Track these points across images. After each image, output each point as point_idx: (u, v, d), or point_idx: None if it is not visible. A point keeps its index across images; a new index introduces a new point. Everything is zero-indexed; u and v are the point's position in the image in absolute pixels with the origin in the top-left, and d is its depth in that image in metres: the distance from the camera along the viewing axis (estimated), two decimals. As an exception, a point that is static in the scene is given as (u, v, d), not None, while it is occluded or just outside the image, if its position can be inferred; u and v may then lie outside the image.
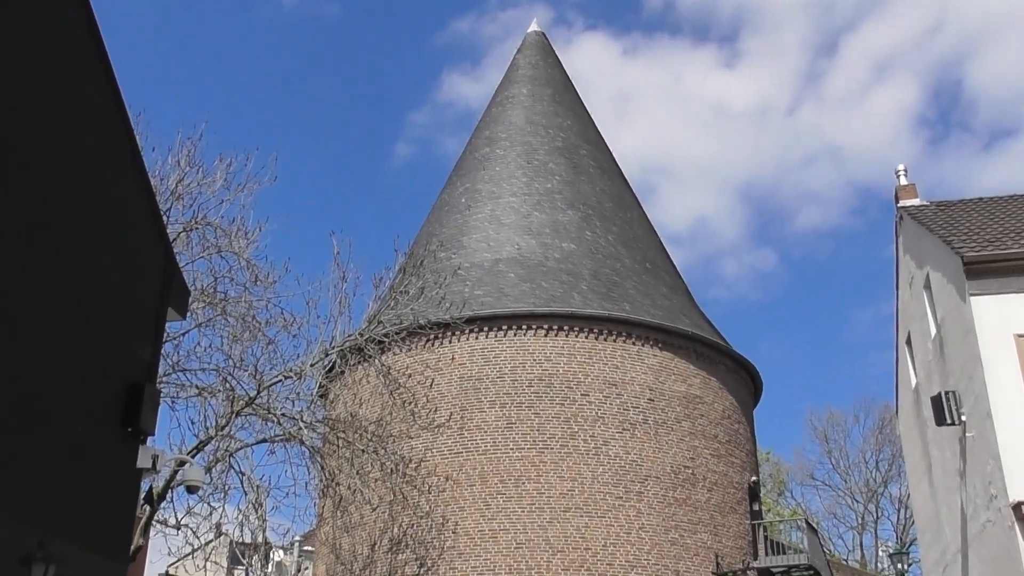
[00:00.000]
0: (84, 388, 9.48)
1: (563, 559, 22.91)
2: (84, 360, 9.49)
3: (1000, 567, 17.71)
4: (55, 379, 9.01)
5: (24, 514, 8.33)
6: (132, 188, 10.69)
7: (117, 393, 9.99)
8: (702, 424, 25.89)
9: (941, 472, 21.72)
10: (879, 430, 56.69)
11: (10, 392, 8.33)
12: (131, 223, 10.63)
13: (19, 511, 8.29)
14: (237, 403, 18.10)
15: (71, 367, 9.27)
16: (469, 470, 23.92)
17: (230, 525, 20.43)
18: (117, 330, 10.18)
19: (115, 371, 10.04)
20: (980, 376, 17.40)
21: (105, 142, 10.19)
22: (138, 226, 10.77)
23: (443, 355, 24.97)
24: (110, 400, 9.89)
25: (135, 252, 10.67)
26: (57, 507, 8.89)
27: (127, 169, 10.57)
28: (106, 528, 9.76)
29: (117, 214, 10.37)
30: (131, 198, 10.67)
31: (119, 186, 10.46)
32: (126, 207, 10.56)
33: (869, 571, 45.47)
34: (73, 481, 9.21)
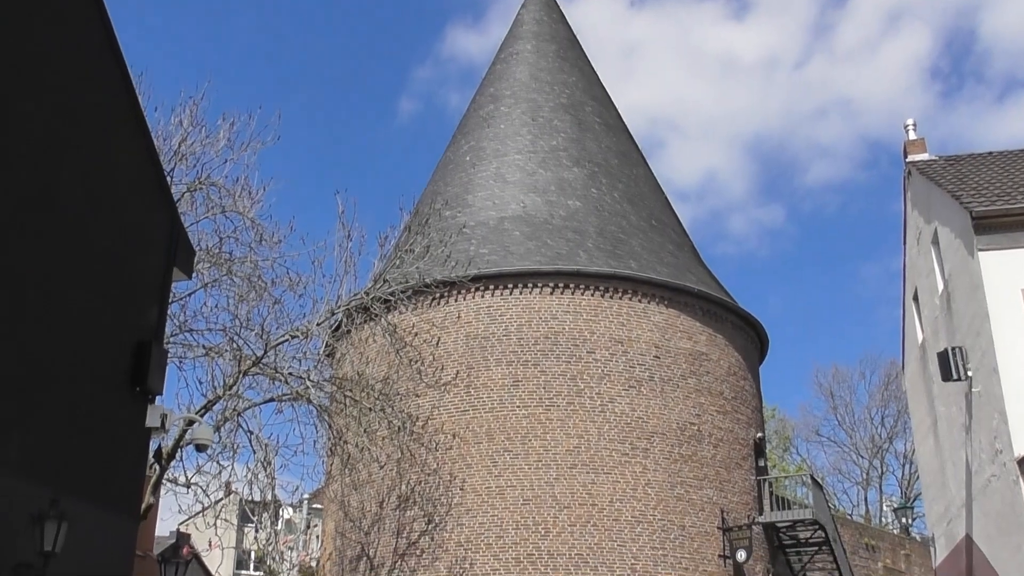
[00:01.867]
0: (91, 348, 9.52)
1: (569, 515, 23.09)
2: (90, 321, 9.51)
3: (1004, 521, 17.82)
4: (62, 340, 9.04)
5: (35, 473, 8.40)
6: (135, 148, 10.65)
7: (124, 353, 10.03)
8: (708, 381, 25.95)
9: (946, 428, 21.79)
10: (885, 386, 56.85)
11: (19, 353, 8.36)
12: (135, 183, 10.60)
13: (30, 470, 8.36)
14: (244, 363, 18.17)
15: (77, 328, 9.29)
16: (476, 428, 24.04)
17: (239, 483, 20.60)
18: (123, 290, 10.20)
19: (122, 331, 10.07)
20: (987, 332, 17.39)
21: (107, 102, 10.13)
22: (142, 186, 10.74)
23: (449, 314, 24.99)
24: (118, 360, 9.93)
25: (139, 212, 10.65)
26: (68, 466, 8.96)
27: (130, 129, 10.52)
28: (117, 486, 9.84)
29: (120, 174, 10.34)
30: (134, 158, 10.63)
31: (122, 146, 10.42)
32: (129, 167, 10.52)
33: (873, 526, 45.78)
34: (83, 441, 9.27)
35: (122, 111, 10.36)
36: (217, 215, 18.48)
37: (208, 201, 18.46)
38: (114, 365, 9.88)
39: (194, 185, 18.25)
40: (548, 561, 22.68)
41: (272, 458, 18.57)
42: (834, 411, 59.67)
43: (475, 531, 23.17)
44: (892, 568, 36.73)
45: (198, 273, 17.79)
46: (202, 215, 18.49)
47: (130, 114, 10.50)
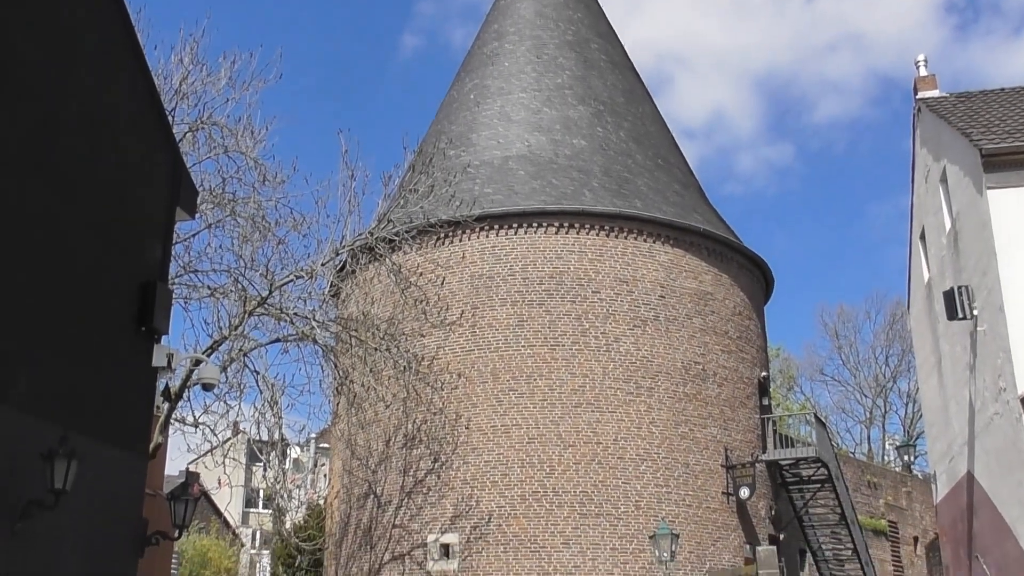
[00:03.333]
0: (96, 288, 9.51)
1: (574, 453, 23.28)
2: (95, 260, 9.49)
3: (1006, 457, 17.93)
4: (67, 279, 9.03)
5: (44, 411, 8.45)
6: (135, 87, 10.54)
7: (129, 293, 10.03)
8: (713, 320, 25.97)
9: (951, 366, 21.83)
10: (889, 326, 57.00)
11: (24, 292, 8.36)
12: (135, 122, 10.51)
13: (39, 409, 8.40)
14: (249, 303, 18.21)
15: (82, 267, 9.28)
16: (481, 367, 24.14)
17: (247, 423, 20.78)
18: (126, 230, 10.17)
19: (126, 271, 10.06)
20: (994, 270, 17.32)
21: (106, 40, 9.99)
22: (143, 125, 10.64)
23: (454, 253, 24.95)
24: (123, 300, 9.94)
25: (141, 152, 10.57)
26: (76, 405, 9.01)
27: (129, 67, 10.40)
28: (125, 425, 9.91)
29: (121, 113, 10.24)
30: (134, 97, 10.52)
31: (122, 85, 10.31)
32: (130, 106, 10.42)
33: (876, 464, 46.17)
34: (90, 380, 9.31)
35: (121, 49, 10.23)
36: (220, 155, 18.38)
37: (210, 141, 18.35)
38: (119, 305, 9.89)
39: (196, 125, 18.11)
40: (553, 498, 22.93)
41: (279, 398, 18.70)
42: (838, 350, 59.93)
43: (481, 469, 23.39)
44: (893, 505, 37.11)
45: (201, 214, 17.75)
46: (204, 155, 18.39)
47: (129, 52, 10.37)
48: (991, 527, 19.39)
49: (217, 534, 52.61)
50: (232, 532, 55.80)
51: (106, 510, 9.42)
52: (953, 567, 23.95)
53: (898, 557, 35.82)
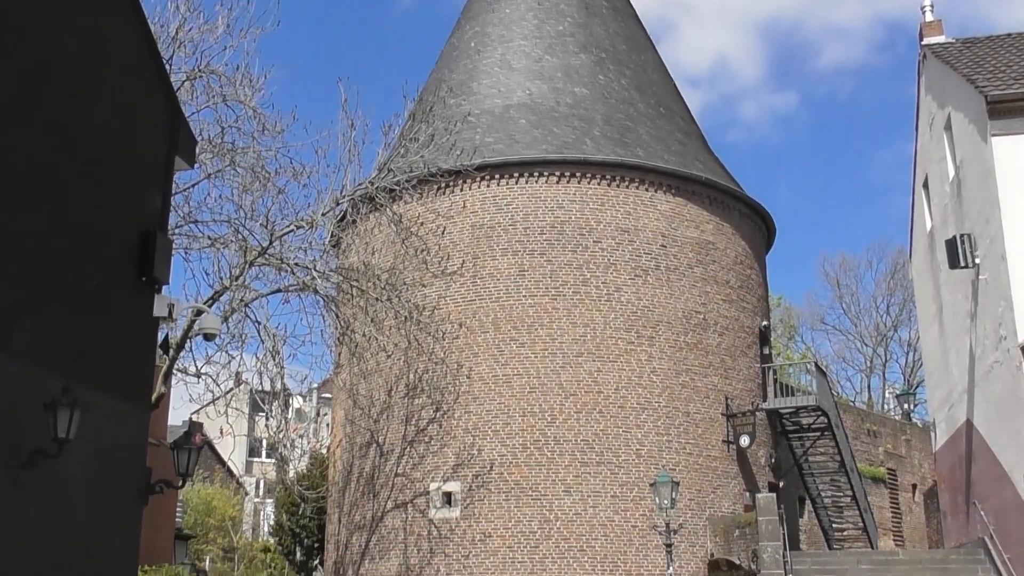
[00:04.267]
0: (96, 238, 9.48)
1: (575, 402, 23.39)
2: (94, 210, 9.44)
3: (1005, 405, 18.02)
4: (66, 229, 8.99)
5: (46, 361, 8.46)
6: (131, 34, 10.40)
7: (129, 243, 9.99)
8: (714, 270, 25.94)
9: (951, 315, 21.85)
10: (891, 275, 56.93)
11: (24, 242, 8.32)
12: (132, 70, 10.39)
13: (41, 358, 8.41)
14: (250, 253, 18.18)
15: (81, 217, 9.23)
16: (482, 317, 24.17)
17: (249, 373, 20.86)
18: (125, 180, 10.10)
19: (126, 221, 10.01)
20: (997, 218, 17.26)
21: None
22: (140, 74, 10.53)
23: (455, 203, 24.85)
24: (123, 250, 9.90)
25: (139, 100, 10.47)
26: (77, 355, 9.01)
27: (125, 14, 10.26)
28: (127, 375, 9.92)
29: (117, 61, 10.12)
30: (131, 44, 10.39)
31: (118, 33, 10.18)
32: (126, 54, 10.30)
33: (875, 412, 46.44)
34: (91, 330, 9.31)
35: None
36: (218, 104, 18.25)
37: (208, 90, 18.21)
38: (119, 255, 9.86)
39: (194, 73, 17.95)
40: (554, 447, 23.08)
41: (280, 348, 18.76)
42: (840, 299, 59.91)
43: (482, 418, 23.52)
44: (892, 453, 37.37)
45: (201, 164, 17.67)
46: (203, 104, 18.26)
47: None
48: (989, 474, 19.54)
49: (221, 483, 53.16)
50: (236, 481, 56.37)
51: (110, 459, 9.47)
52: (951, 513, 24.18)
53: (896, 504, 36.15)
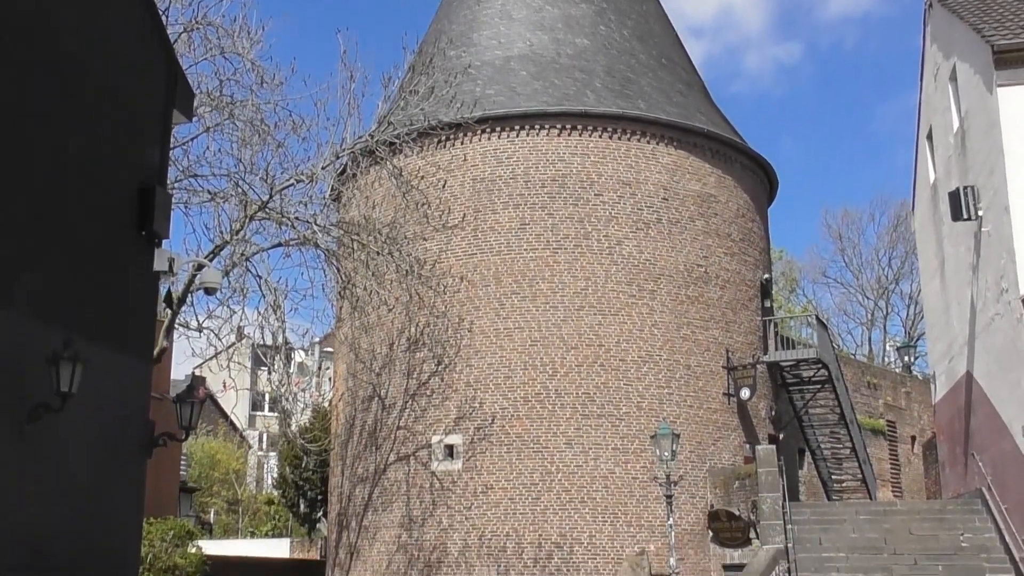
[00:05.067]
0: (95, 192, 9.43)
1: (576, 355, 23.45)
2: (92, 163, 9.38)
3: (1005, 357, 18.05)
4: (64, 183, 8.94)
5: (47, 315, 8.45)
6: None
7: (128, 197, 9.94)
8: (716, 223, 25.87)
9: (953, 268, 21.82)
10: (893, 228, 56.85)
11: (22, 197, 8.28)
12: (128, 21, 10.27)
13: (42, 312, 8.40)
14: (250, 208, 18.13)
15: (79, 170, 9.18)
16: (483, 271, 24.15)
17: (250, 327, 20.90)
18: (123, 133, 10.02)
19: (124, 175, 9.95)
20: (1001, 170, 17.16)
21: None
22: (136, 25, 10.40)
23: (455, 156, 24.73)
24: (122, 204, 9.86)
25: (135, 53, 10.36)
26: (79, 309, 9.00)
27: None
28: (128, 329, 9.93)
29: (113, 12, 9.99)
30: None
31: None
32: (122, 4, 10.16)
33: (876, 365, 46.60)
34: (92, 284, 9.29)
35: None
36: (216, 56, 18.10)
37: (206, 42, 18.03)
38: (119, 209, 9.81)
39: (191, 25, 17.76)
40: (556, 400, 23.18)
41: (281, 302, 18.77)
42: (841, 252, 59.91)
43: (484, 372, 23.60)
44: (892, 405, 37.55)
45: (199, 117, 17.56)
46: (200, 57, 18.10)
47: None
48: (988, 426, 19.63)
49: (224, 437, 53.57)
50: (239, 435, 56.80)
51: (113, 413, 9.50)
52: (949, 465, 24.34)
53: (895, 456, 36.40)
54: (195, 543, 23.14)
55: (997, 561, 18.78)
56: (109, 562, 9.25)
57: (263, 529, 44.97)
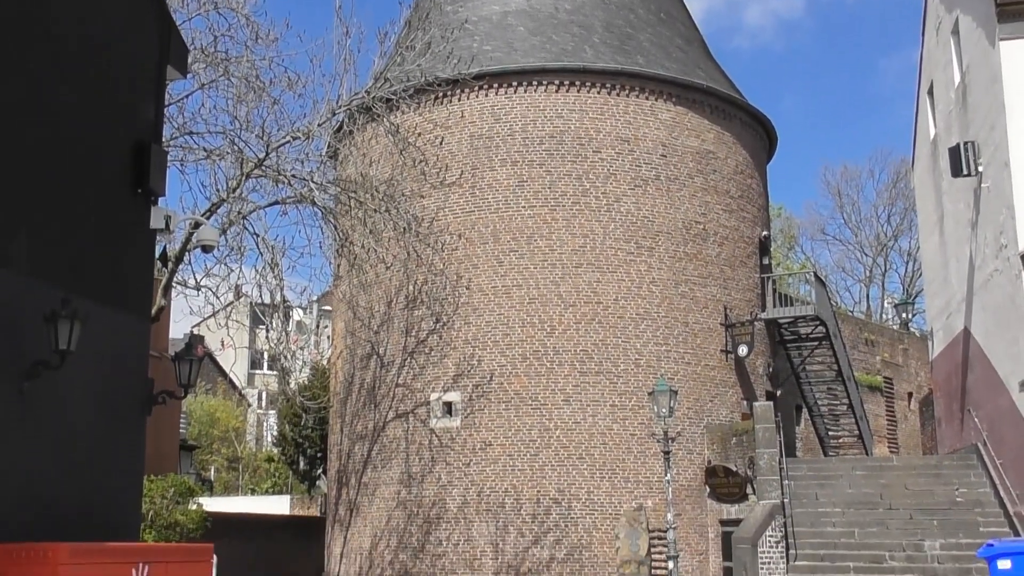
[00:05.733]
0: (90, 150, 9.36)
1: (575, 313, 23.47)
2: (87, 121, 9.30)
3: (1003, 314, 18.08)
4: (60, 141, 8.87)
5: (45, 273, 8.43)
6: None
7: (124, 155, 9.87)
8: (715, 179, 25.77)
9: (952, 224, 21.79)
10: (893, 184, 56.70)
11: (18, 155, 8.22)
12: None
13: (39, 271, 8.38)
14: (246, 165, 18.03)
15: (74, 128, 9.10)
16: (481, 228, 24.09)
17: (248, 286, 20.88)
18: (117, 90, 9.93)
19: (119, 132, 9.87)
20: (1002, 125, 17.07)
21: None
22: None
23: (452, 113, 24.56)
24: (118, 162, 9.79)
25: (127, 8, 10.23)
26: (76, 267, 8.98)
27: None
28: (126, 287, 9.91)
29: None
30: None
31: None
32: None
33: (874, 322, 46.70)
34: (89, 243, 9.26)
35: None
36: (210, 12, 17.90)
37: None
38: (114, 167, 9.75)
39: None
40: (554, 357, 23.23)
41: (279, 260, 18.74)
42: (840, 209, 59.79)
43: (482, 329, 23.63)
44: (890, 362, 37.69)
45: (194, 74, 17.41)
46: (194, 12, 17.90)
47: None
48: (984, 382, 19.72)
49: (224, 395, 53.77)
50: (238, 393, 57.02)
51: (112, 370, 9.51)
52: (945, 420, 24.48)
53: (892, 412, 36.59)
54: (196, 500, 23.33)
55: (992, 516, 18.97)
56: (111, 518, 9.31)
57: (263, 486, 45.27)
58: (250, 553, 29.41)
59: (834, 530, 19.62)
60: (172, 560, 8.05)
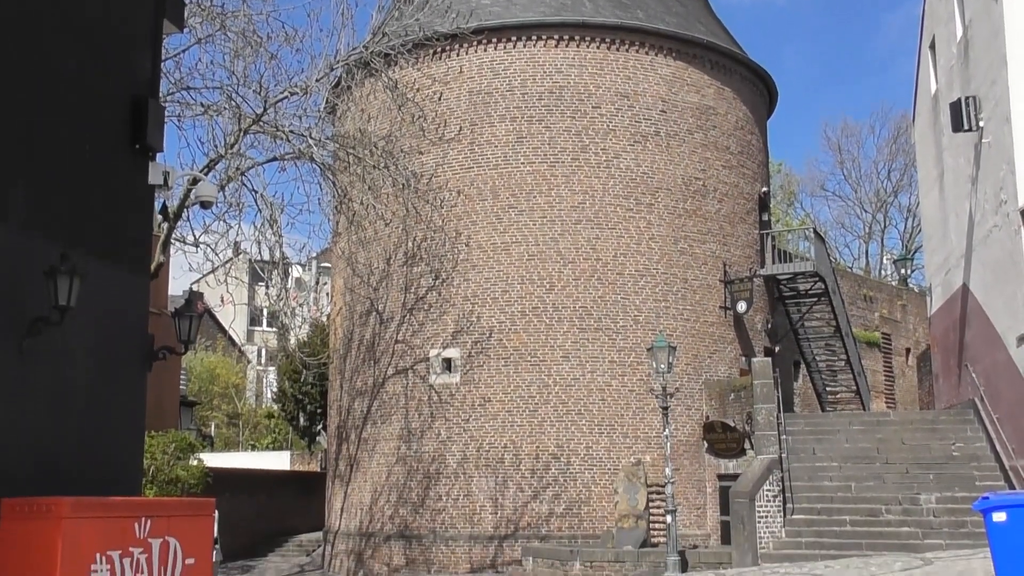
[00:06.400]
0: (87, 104, 9.29)
1: (574, 269, 23.48)
2: (83, 75, 9.23)
3: (1002, 269, 18.09)
4: (55, 97, 8.81)
5: (43, 229, 8.41)
6: None
7: (121, 110, 9.80)
8: (714, 135, 25.66)
9: (952, 180, 21.72)
10: (893, 140, 56.49)
11: (14, 111, 8.17)
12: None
13: (38, 226, 8.36)
14: (244, 121, 17.93)
15: (70, 83, 9.03)
16: (480, 184, 24.03)
17: (247, 242, 20.88)
18: (113, 44, 9.84)
19: (116, 87, 9.80)
20: (1004, 79, 16.96)
21: None
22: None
23: (451, 68, 24.39)
24: (115, 117, 9.72)
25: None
26: (74, 223, 8.96)
27: None
28: (125, 243, 9.88)
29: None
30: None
31: None
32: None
33: (872, 278, 46.74)
34: (87, 198, 9.23)
35: None
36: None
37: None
38: (111, 122, 9.68)
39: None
40: (553, 314, 23.28)
41: (278, 217, 18.70)
42: (840, 165, 59.65)
43: (481, 286, 23.65)
44: (888, 318, 37.78)
45: (190, 28, 17.23)
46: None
47: None
48: (982, 337, 19.78)
49: (223, 352, 53.93)
50: (238, 349, 57.18)
51: (111, 327, 9.52)
52: (943, 376, 24.59)
53: (890, 368, 36.76)
54: (196, 456, 23.52)
55: (987, 469, 19.12)
56: (112, 474, 9.37)
57: (263, 442, 45.61)
58: (251, 508, 29.73)
59: (831, 484, 19.78)
60: (174, 514, 8.09)
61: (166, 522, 7.76)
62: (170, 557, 7.71)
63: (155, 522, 7.62)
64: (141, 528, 7.49)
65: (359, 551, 24.41)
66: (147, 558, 7.46)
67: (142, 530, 7.49)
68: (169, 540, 7.70)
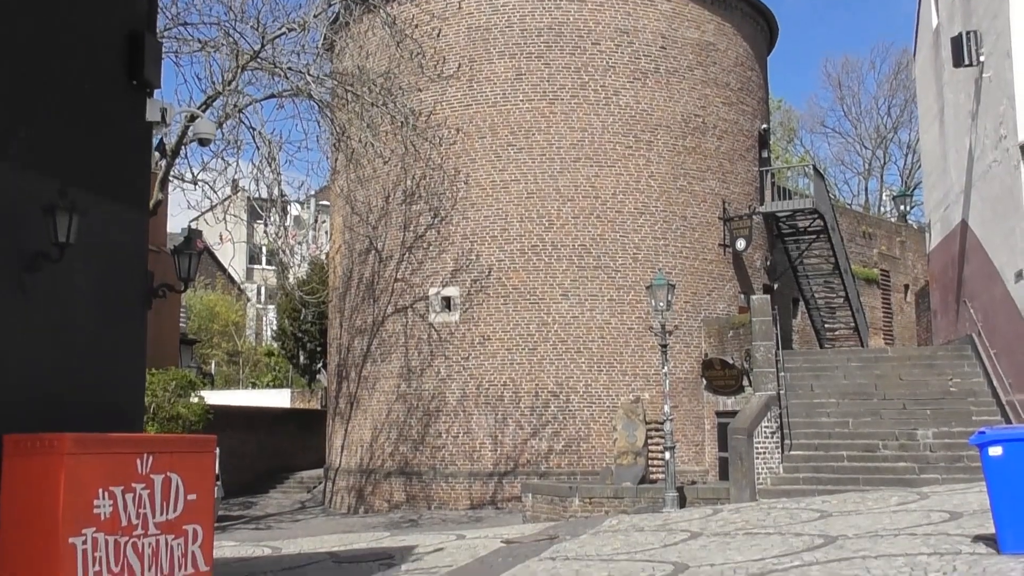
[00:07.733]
0: (82, 39, 9.20)
1: (573, 207, 23.43)
2: (77, 12, 9.12)
3: (1001, 205, 18.07)
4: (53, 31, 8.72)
5: (41, 166, 8.38)
6: None
7: (117, 45, 9.70)
8: (714, 72, 25.44)
9: (952, 115, 21.59)
10: (894, 75, 56.05)
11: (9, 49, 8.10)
12: None
13: (35, 163, 8.33)
14: (242, 57, 17.78)
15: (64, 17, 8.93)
16: (479, 122, 23.87)
17: (246, 180, 20.81)
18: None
19: (111, 21, 9.68)
20: (1005, 13, 16.77)
21: None
22: None
23: (449, 4, 24.07)
24: (111, 52, 9.63)
25: None
26: (72, 160, 8.92)
27: None
28: (123, 180, 9.85)
29: None
30: None
31: None
32: None
33: (872, 215, 46.67)
34: (84, 135, 9.18)
35: None
36: None
37: None
38: (108, 57, 9.59)
39: None
40: (552, 252, 23.29)
41: (276, 154, 18.64)
42: (840, 101, 59.32)
43: (480, 224, 23.63)
44: (887, 254, 37.80)
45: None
46: None
47: None
48: (981, 273, 19.82)
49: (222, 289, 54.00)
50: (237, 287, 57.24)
51: (111, 264, 9.52)
52: (941, 312, 24.68)
53: (888, 304, 36.87)
54: (197, 393, 23.68)
55: (984, 404, 19.27)
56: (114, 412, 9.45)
57: (264, 380, 45.86)
58: (252, 445, 30.04)
59: (828, 420, 19.94)
60: (176, 450, 8.14)
61: (168, 458, 7.82)
62: (172, 493, 7.77)
63: (157, 458, 7.68)
64: (143, 464, 7.56)
65: (360, 488, 24.72)
66: (149, 494, 7.52)
67: (144, 466, 7.55)
68: (171, 476, 7.76)
